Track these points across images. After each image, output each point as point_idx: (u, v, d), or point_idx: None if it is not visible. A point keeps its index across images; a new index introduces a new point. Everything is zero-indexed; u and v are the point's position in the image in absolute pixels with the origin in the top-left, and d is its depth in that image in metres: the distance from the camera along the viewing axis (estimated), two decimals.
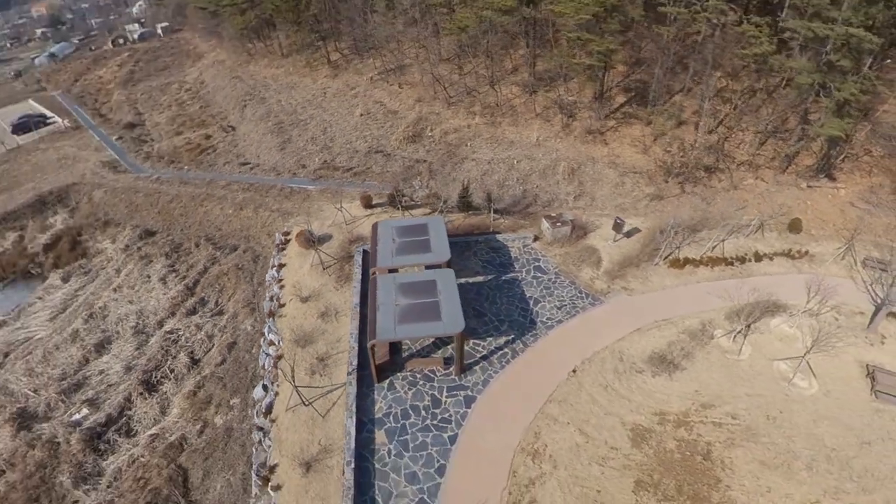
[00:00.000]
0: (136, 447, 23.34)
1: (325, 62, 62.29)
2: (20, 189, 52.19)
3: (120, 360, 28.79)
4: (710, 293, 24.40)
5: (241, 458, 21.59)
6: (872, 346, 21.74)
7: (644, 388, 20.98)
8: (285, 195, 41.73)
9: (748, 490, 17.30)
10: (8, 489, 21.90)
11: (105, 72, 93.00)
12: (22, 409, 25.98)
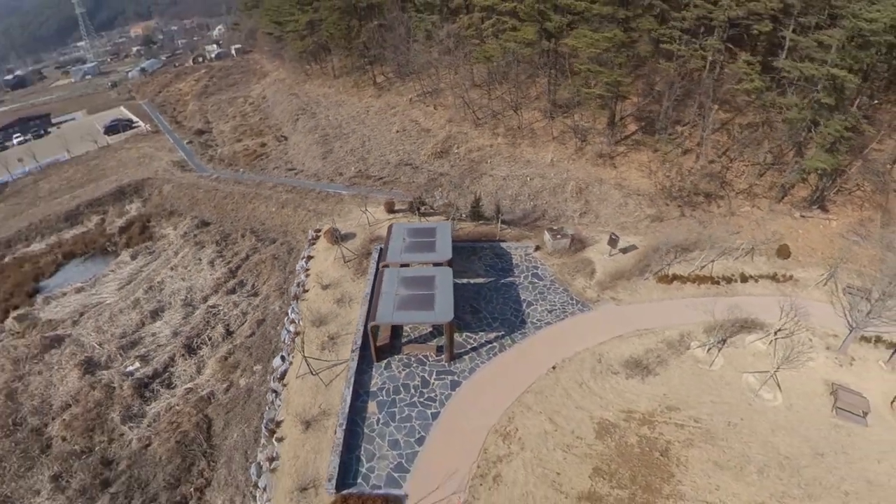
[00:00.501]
0: (173, 397, 26.72)
1: (371, 84, 66.82)
2: (106, 180, 59.17)
3: (169, 326, 32.74)
4: (692, 308, 25.10)
5: (256, 414, 24.31)
6: (841, 366, 21.85)
7: (616, 388, 22.06)
8: (321, 198, 45.41)
9: (698, 486, 18.08)
10: (71, 419, 25.75)
11: (184, 85, 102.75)
12: (88, 357, 30.20)
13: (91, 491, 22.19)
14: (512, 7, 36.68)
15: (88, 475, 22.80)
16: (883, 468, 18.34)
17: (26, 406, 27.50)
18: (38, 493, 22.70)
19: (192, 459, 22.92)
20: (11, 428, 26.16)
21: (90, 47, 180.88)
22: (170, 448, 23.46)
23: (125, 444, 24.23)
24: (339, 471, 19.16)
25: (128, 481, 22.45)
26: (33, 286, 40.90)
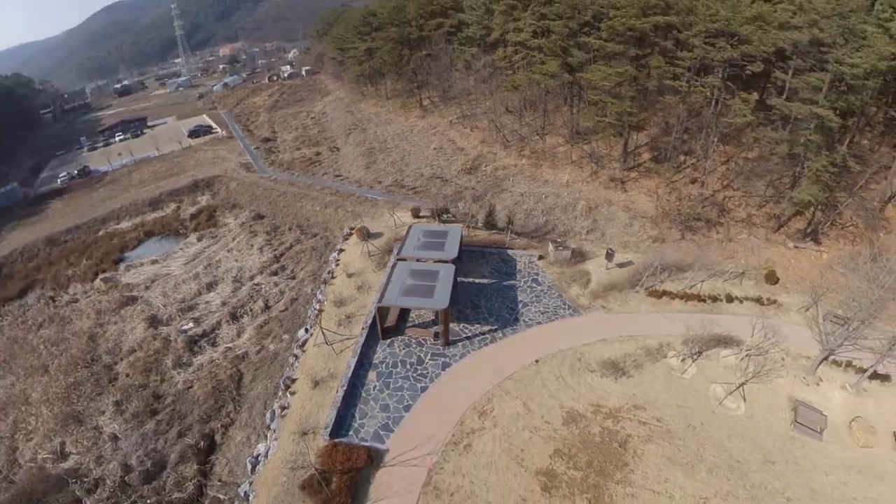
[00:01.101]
0: (215, 353, 30.76)
1: (418, 106, 71.46)
2: (184, 175, 66.95)
3: (220, 297, 37.30)
4: (676, 322, 25.91)
5: (278, 373, 27.62)
6: (808, 386, 22.01)
7: (590, 384, 23.40)
8: (360, 202, 49.46)
9: (648, 477, 19.10)
10: (134, 360, 30.38)
11: (259, 99, 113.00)
12: (154, 315, 35.16)
13: (142, 416, 26.32)
14: (539, 43, 39.47)
15: (142, 404, 27.01)
16: (829, 480, 18.58)
17: (102, 347, 32.63)
18: (103, 413, 27.13)
19: (223, 402, 26.55)
20: (89, 362, 31.21)
21: (185, 64, 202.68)
22: (206, 392, 27.28)
23: (173, 385, 28.40)
24: (335, 422, 21.87)
25: (171, 412, 26.40)
26: (119, 256, 47.58)
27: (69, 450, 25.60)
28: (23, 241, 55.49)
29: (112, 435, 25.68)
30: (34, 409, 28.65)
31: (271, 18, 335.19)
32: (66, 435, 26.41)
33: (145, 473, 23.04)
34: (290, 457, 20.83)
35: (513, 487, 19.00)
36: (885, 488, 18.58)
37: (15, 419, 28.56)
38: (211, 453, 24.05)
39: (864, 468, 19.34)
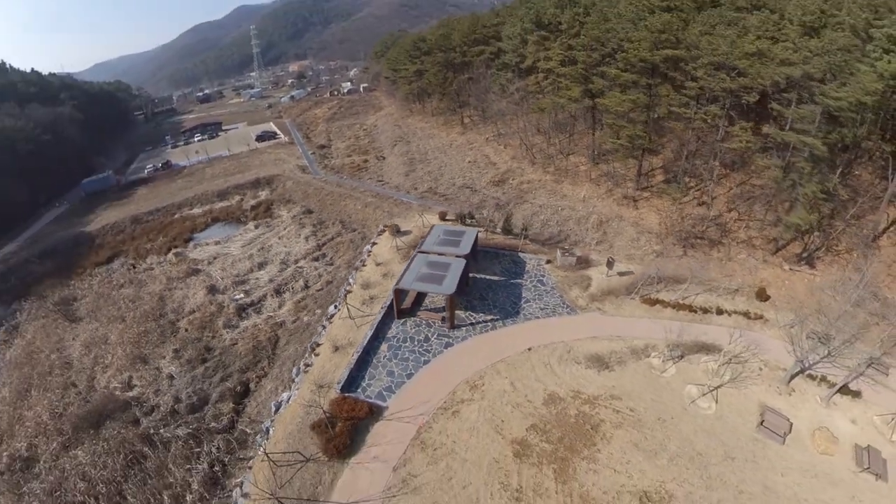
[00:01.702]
0: (258, 319, 34.94)
1: (459, 123, 75.30)
2: (249, 172, 74.11)
3: (268, 275, 41.89)
4: (665, 327, 26.82)
5: (308, 339, 31.09)
6: (780, 395, 22.46)
7: (574, 373, 25.00)
8: (395, 204, 53.27)
9: (612, 457, 20.39)
10: (193, 319, 35.20)
11: (319, 111, 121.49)
12: (212, 285, 40.19)
13: (194, 362, 30.64)
14: (566, 71, 41.79)
15: (195, 353, 31.40)
16: (783, 480, 19.15)
17: (169, 306, 37.81)
18: (164, 358, 31.77)
19: (260, 358, 30.38)
20: (157, 317, 36.36)
21: (258, 77, 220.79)
22: (248, 349, 31.27)
23: (221, 341, 32.69)
24: (346, 380, 24.85)
25: (217, 362, 30.54)
26: (189, 236, 53.99)
27: (135, 382, 30.27)
28: (113, 219, 63.85)
29: (169, 375, 30.16)
30: (111, 349, 33.90)
31: (337, 40, 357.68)
32: (133, 371, 31.20)
33: (191, 406, 27.08)
34: (307, 403, 23.92)
35: (489, 451, 21.01)
36: (837, 493, 18.93)
37: (96, 355, 33.92)
38: (245, 397, 27.79)
39: (821, 473, 19.75)
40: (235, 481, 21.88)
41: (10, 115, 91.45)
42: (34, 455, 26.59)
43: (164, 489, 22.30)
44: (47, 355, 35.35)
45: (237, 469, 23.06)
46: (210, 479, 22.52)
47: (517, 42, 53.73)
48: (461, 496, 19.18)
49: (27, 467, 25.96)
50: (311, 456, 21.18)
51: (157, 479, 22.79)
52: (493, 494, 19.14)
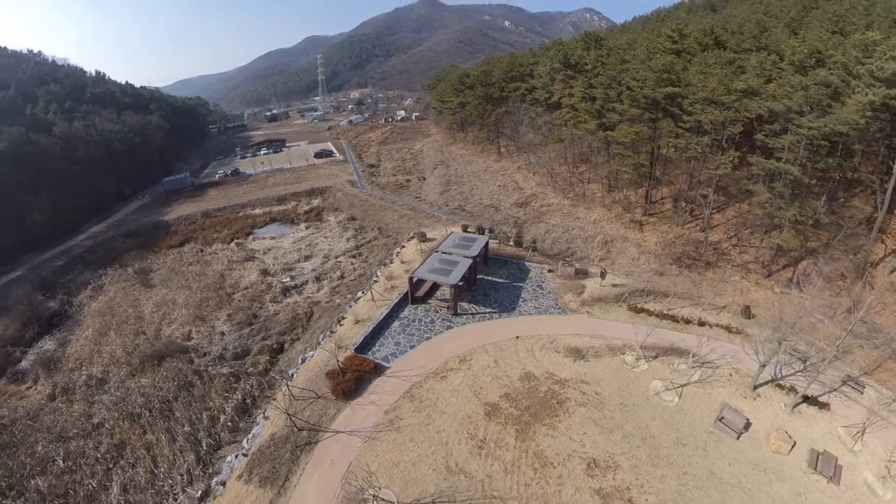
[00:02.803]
0: (299, 298, 41.43)
1: (496, 152, 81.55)
2: (305, 183, 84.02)
3: (311, 266, 48.87)
4: (645, 332, 29.78)
5: (336, 314, 36.88)
6: (745, 398, 24.50)
7: (552, 360, 28.53)
8: (427, 217, 59.36)
9: (570, 428, 23.44)
10: (245, 293, 42.37)
11: (373, 135, 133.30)
12: (265, 269, 47.64)
13: (242, 325, 37.27)
14: (585, 106, 46.65)
15: (244, 318, 38.11)
16: (730, 469, 21.13)
17: (227, 282, 45.46)
18: (218, 319, 38.75)
19: (295, 326, 36.45)
20: (217, 289, 43.97)
21: (322, 101, 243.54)
22: (287, 318, 37.54)
23: (267, 311, 39.31)
24: (360, 344, 29.98)
25: (261, 326, 36.95)
26: (249, 230, 62.99)
27: (193, 335, 37.27)
28: (187, 212, 75.10)
29: (221, 332, 36.89)
30: (177, 309, 41.56)
31: (397, 71, 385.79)
32: (193, 326, 38.35)
33: (235, 354, 33.35)
34: (326, 358, 29.34)
35: (464, 408, 24.99)
36: (784, 488, 20.65)
37: (164, 313, 41.71)
38: (279, 353, 33.69)
39: (770, 469, 21.58)
40: (260, 410, 27.46)
41: (109, 120, 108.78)
42: (106, 377, 33.92)
43: (205, 410, 28.23)
44: (125, 309, 43.73)
45: (263, 402, 28.64)
46: (241, 408, 28.20)
47: (547, 80, 59.53)
48: (434, 438, 23.31)
49: (100, 385, 33.30)
50: (323, 394, 26.36)
51: (200, 403, 28.85)
52: (460, 441, 23.10)
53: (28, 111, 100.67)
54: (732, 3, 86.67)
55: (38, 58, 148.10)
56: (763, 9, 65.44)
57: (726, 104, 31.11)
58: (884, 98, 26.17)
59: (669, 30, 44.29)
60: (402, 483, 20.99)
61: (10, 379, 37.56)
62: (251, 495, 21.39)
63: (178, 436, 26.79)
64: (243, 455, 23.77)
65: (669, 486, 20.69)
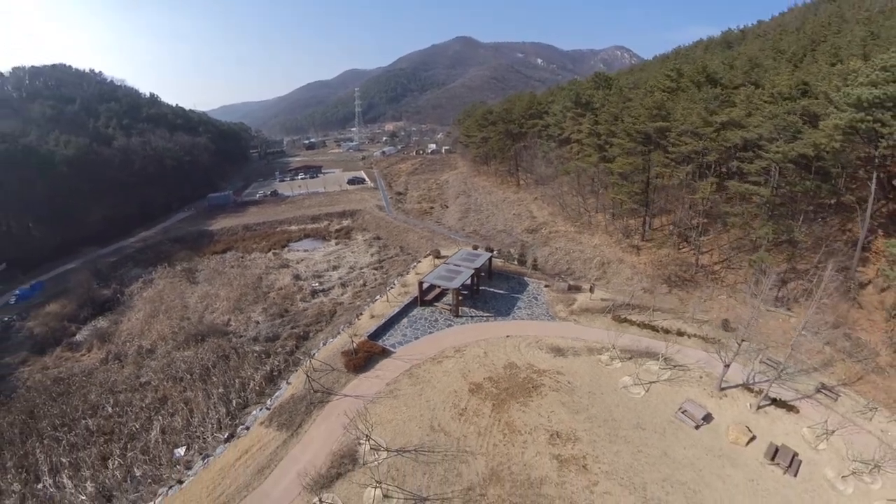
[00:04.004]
0: (325, 299, 48.06)
1: (515, 184, 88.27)
2: (338, 206, 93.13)
3: (338, 274, 55.91)
4: (624, 339, 33.90)
5: (356, 312, 43.03)
6: (711, 397, 27.78)
7: (535, 355, 33.07)
8: (444, 238, 65.78)
9: (541, 407, 27.57)
10: (279, 293, 49.51)
11: (404, 166, 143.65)
12: (297, 274, 55.07)
13: (275, 316, 44.04)
14: (590, 141, 52.81)
15: (276, 311, 44.97)
16: (684, 453, 24.43)
17: (264, 283, 52.97)
18: (254, 311, 45.74)
19: (320, 320, 42.84)
20: (254, 287, 51.41)
21: (357, 132, 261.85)
22: (313, 314, 44.10)
23: (296, 307, 46.10)
24: (373, 332, 35.70)
25: (290, 318, 43.59)
26: (285, 243, 71.49)
27: (231, 322, 44.32)
28: (229, 225, 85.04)
29: (256, 321, 43.76)
30: (219, 301, 49.06)
31: (431, 105, 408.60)
32: (232, 315, 45.50)
33: (267, 338, 39.86)
34: (343, 342, 35.23)
35: (452, 385, 29.86)
36: (736, 473, 23.48)
37: (207, 303, 49.28)
38: (304, 340, 39.94)
39: (725, 456, 24.44)
40: (284, 380, 33.46)
41: (163, 139, 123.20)
42: (154, 349, 41.01)
43: (237, 377, 34.45)
44: (172, 299, 51.58)
45: (287, 374, 34.64)
46: (268, 378, 34.30)
47: (560, 117, 66.45)
48: (424, 405, 28.27)
49: (149, 354, 40.37)
50: (337, 368, 32.14)
51: (234, 371, 35.18)
52: (445, 409, 27.93)
53: (91, 125, 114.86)
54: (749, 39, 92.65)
55: (99, 77, 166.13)
56: (772, 44, 70.83)
57: (704, 135, 36.40)
58: (850, 121, 29.99)
59: (668, 69, 50.50)
60: (393, 435, 26.05)
61: (66, 347, 44.70)
62: (269, 436, 27.01)
63: (212, 395, 32.94)
64: (266, 409, 29.61)
65: (622, 460, 24.40)
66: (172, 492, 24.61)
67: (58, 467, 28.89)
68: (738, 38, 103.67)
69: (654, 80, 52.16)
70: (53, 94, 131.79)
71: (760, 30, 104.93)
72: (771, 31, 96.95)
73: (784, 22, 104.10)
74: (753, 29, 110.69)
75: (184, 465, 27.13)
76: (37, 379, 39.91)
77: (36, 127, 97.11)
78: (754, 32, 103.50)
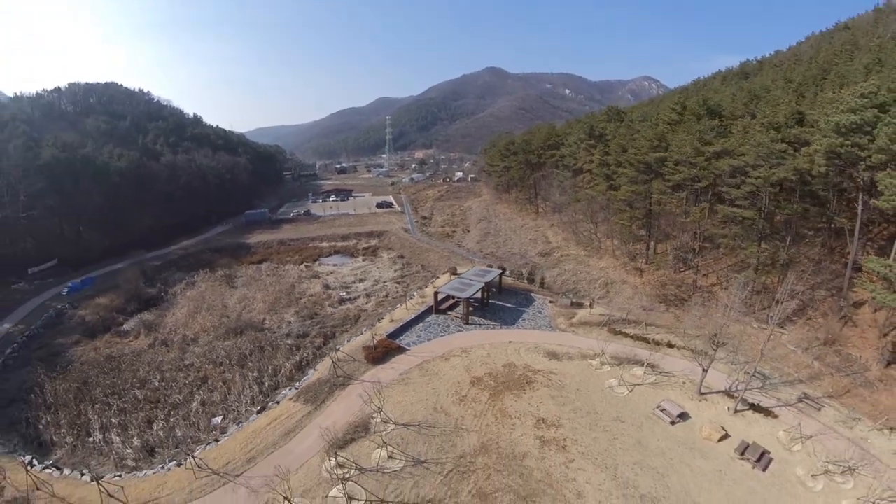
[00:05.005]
0: (351, 306, 54.22)
1: (534, 211, 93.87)
2: (366, 226, 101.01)
3: (363, 286, 62.34)
4: (616, 348, 38.01)
5: (377, 318, 48.84)
6: (691, 400, 31.06)
7: (532, 357, 37.48)
8: (462, 258, 71.45)
9: (531, 398, 31.71)
10: (310, 299, 56.11)
11: (430, 192, 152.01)
12: (326, 284, 61.80)
13: (305, 318, 50.35)
14: (600, 171, 58.10)
15: (307, 314, 51.34)
16: (657, 442, 27.74)
17: (296, 290, 59.85)
18: (287, 313, 52.31)
19: (345, 322, 48.83)
20: (288, 293, 58.27)
21: (388, 159, 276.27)
22: (340, 318, 50.19)
23: (325, 311, 52.38)
24: (391, 333, 41.07)
25: (319, 321, 49.78)
26: (317, 258, 79.02)
27: (266, 321, 50.91)
28: (265, 239, 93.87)
29: (288, 321, 50.17)
30: (255, 303, 55.95)
31: (460, 134, 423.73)
32: (267, 315, 52.15)
33: (298, 335, 45.99)
34: (365, 340, 40.83)
35: (456, 377, 34.64)
36: (706, 464, 26.33)
37: (245, 304, 56.20)
38: (331, 339, 45.87)
39: (696, 449, 27.47)
40: (311, 368, 39.18)
41: (206, 157, 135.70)
42: (197, 338, 47.44)
43: (270, 365, 40.40)
44: (213, 299, 58.68)
45: (315, 364, 40.40)
46: (298, 366, 40.14)
47: (574, 148, 72.25)
48: (430, 391, 33.13)
49: (192, 342, 46.81)
50: (358, 360, 37.68)
51: (267, 360, 41.22)
52: (448, 395, 32.69)
53: (140, 140, 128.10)
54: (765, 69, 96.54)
55: (147, 97, 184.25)
56: (783, 74, 74.76)
57: (696, 164, 41.09)
58: (829, 146, 33.48)
59: (673, 103, 55.77)
60: (401, 413, 30.98)
61: (115, 334, 50.79)
62: (296, 408, 32.47)
63: (247, 378, 38.78)
64: (294, 388, 35.28)
65: (599, 444, 28.24)
66: (210, 447, 29.92)
67: (107, 426, 33.92)
68: (756, 68, 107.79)
69: (662, 112, 57.31)
70: (106, 109, 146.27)
71: (777, 60, 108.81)
72: (787, 60, 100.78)
73: (800, 52, 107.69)
74: (770, 59, 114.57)
75: (220, 430, 32.71)
76: (90, 356, 45.50)
77: (91, 140, 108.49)
78: (771, 63, 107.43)
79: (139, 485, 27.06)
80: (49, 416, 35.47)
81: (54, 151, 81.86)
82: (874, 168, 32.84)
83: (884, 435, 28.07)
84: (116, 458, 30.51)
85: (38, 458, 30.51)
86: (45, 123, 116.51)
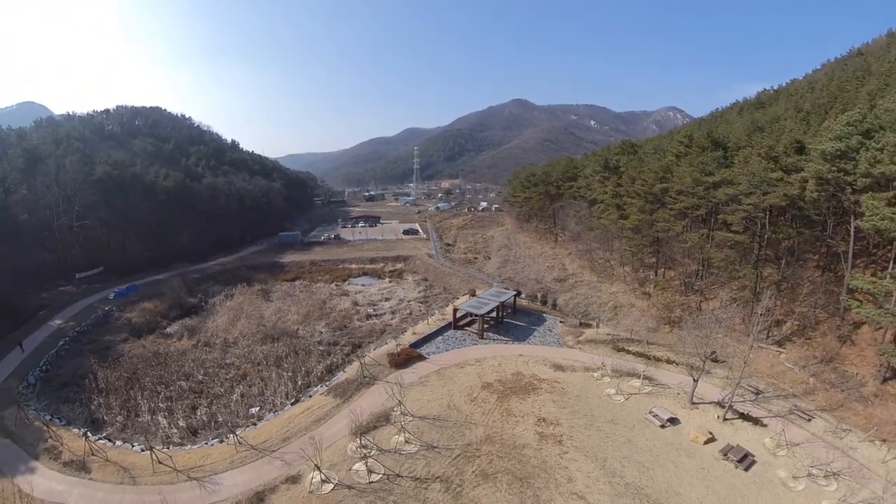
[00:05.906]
0: (377, 321, 60.12)
1: (553, 240, 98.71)
2: (393, 251, 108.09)
3: (389, 304, 68.35)
4: (618, 362, 41.88)
5: (401, 331, 54.45)
6: (683, 408, 34.55)
7: (539, 368, 41.85)
8: (482, 282, 76.69)
9: (535, 402, 36.06)
10: (340, 313, 62.55)
11: (455, 221, 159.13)
12: (355, 301, 68.27)
13: (335, 329, 56.56)
14: (612, 201, 63.15)
15: (337, 326, 57.58)
16: (646, 441, 31.28)
17: (327, 305, 66.53)
18: (319, 324, 58.75)
19: (372, 335, 54.51)
20: (320, 307, 64.95)
21: (415, 188, 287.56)
22: (367, 330, 56.04)
23: (353, 325, 58.50)
24: (413, 343, 46.49)
25: (348, 332, 55.80)
26: (346, 278, 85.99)
27: (300, 331, 57.37)
28: (297, 259, 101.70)
29: (320, 331, 56.54)
30: (289, 315, 62.59)
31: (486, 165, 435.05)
32: (300, 325, 58.61)
33: (328, 343, 52.04)
34: (389, 348, 46.41)
35: (469, 382, 39.47)
36: (690, 462, 29.73)
37: (280, 316, 62.77)
38: (358, 348, 51.69)
39: (682, 448, 30.98)
40: (340, 371, 44.97)
41: (244, 181, 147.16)
42: (236, 342, 53.75)
43: (303, 366, 46.13)
44: (250, 310, 65.28)
45: (344, 367, 46.16)
46: (328, 369, 45.86)
47: (591, 179, 77.66)
48: (445, 393, 38.08)
49: (232, 345, 53.15)
50: (383, 364, 43.23)
51: (301, 362, 47.05)
52: (461, 396, 37.50)
53: (183, 162, 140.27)
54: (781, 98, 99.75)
55: (189, 122, 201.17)
56: (794, 103, 78.25)
57: (695, 193, 45.66)
58: (816, 172, 36.68)
59: (681, 136, 60.81)
60: (418, 408, 36.03)
61: (159, 336, 57.07)
62: (326, 401, 37.97)
63: (283, 376, 44.46)
64: (325, 385, 40.99)
65: (592, 441, 32.28)
66: (249, 429, 35.34)
67: (155, 410, 38.28)
68: (772, 97, 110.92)
69: (671, 145, 62.42)
70: (151, 132, 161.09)
71: (792, 88, 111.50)
72: (801, 88, 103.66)
73: (814, 79, 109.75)
74: (786, 88, 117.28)
75: (257, 417, 38.23)
76: (138, 351, 50.59)
77: (139, 160, 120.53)
78: (787, 91, 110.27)
79: (185, 455, 31.98)
80: (101, 399, 40.06)
81: (107, 168, 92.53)
82: (860, 192, 35.66)
83: (874, 445, 29.83)
84: (163, 435, 35.24)
85: (92, 432, 34.46)
86: (96, 142, 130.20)
